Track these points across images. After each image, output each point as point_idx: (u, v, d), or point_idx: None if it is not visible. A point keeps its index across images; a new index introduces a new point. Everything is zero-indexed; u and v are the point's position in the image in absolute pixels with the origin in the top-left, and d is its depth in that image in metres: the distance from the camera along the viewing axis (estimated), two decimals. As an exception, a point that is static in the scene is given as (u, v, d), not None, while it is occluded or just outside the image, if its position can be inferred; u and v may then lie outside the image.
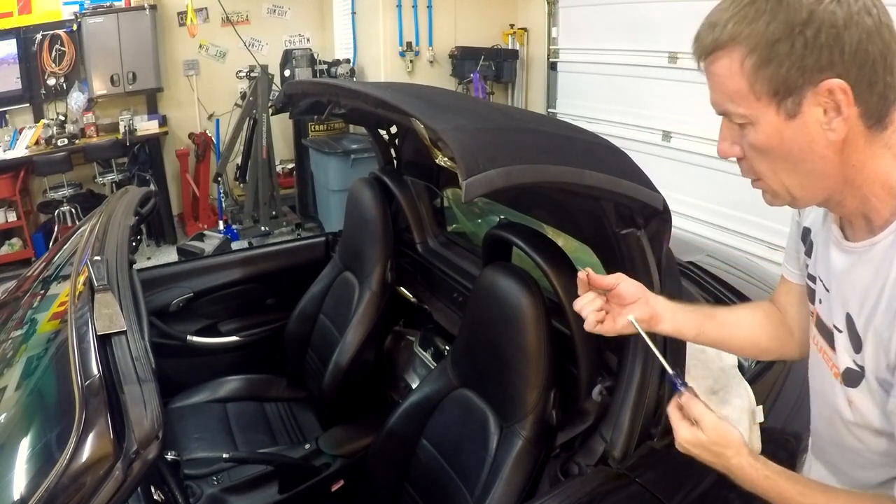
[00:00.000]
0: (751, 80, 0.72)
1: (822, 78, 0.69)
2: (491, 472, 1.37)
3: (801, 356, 1.06)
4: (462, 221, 2.39)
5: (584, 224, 1.42)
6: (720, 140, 0.80)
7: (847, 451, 0.91)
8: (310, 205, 5.37)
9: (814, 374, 0.96)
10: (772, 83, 0.71)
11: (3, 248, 4.80)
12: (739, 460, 0.86)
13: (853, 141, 0.72)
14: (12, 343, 1.39)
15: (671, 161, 3.96)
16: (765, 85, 0.71)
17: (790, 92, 0.70)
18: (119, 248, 1.47)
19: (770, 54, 0.69)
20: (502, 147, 1.08)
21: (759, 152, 0.77)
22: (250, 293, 2.39)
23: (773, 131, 0.73)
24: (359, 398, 2.06)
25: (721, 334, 1.07)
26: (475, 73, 4.83)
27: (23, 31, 4.75)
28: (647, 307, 1.00)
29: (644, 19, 4.06)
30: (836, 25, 0.67)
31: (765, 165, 0.78)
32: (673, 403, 0.94)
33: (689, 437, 0.89)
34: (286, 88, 1.94)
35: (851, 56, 0.68)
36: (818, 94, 0.69)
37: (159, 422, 0.90)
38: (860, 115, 0.71)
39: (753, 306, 1.12)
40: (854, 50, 0.67)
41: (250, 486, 1.74)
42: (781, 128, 0.73)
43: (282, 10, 5.61)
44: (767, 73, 0.70)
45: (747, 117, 0.74)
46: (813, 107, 0.70)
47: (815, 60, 0.68)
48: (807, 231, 0.95)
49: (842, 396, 0.86)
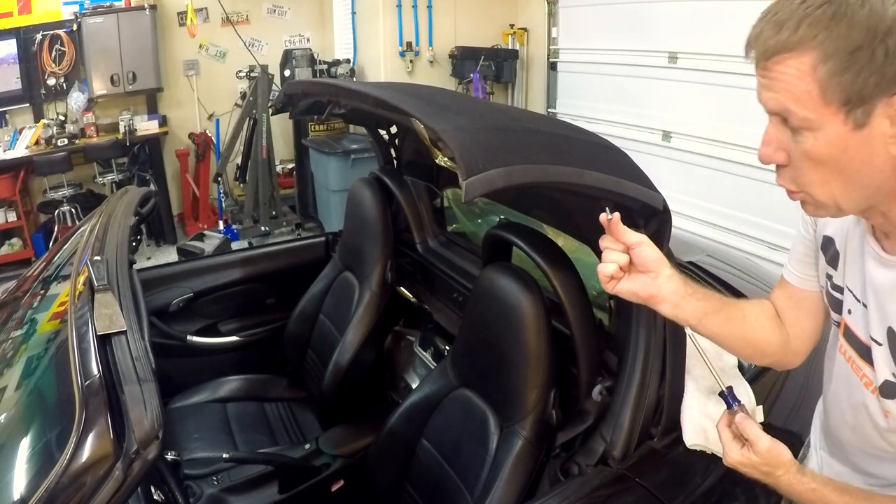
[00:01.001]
0: (823, 86, 0.67)
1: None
2: (491, 472, 1.37)
3: (797, 364, 1.05)
4: (462, 221, 2.39)
5: (584, 224, 1.42)
6: (764, 144, 0.75)
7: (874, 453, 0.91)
8: (310, 205, 5.37)
9: (839, 382, 0.95)
10: (846, 92, 0.66)
11: (3, 248, 4.80)
12: (788, 478, 0.87)
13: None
14: (12, 343, 1.39)
15: (671, 161, 3.96)
16: (837, 92, 0.67)
17: (863, 101, 0.67)
18: (119, 248, 1.47)
19: (848, 62, 0.65)
20: (502, 147, 1.08)
21: (813, 161, 0.72)
22: (250, 293, 2.39)
23: (836, 140, 0.69)
24: (359, 398, 2.06)
25: (722, 330, 1.02)
26: (475, 73, 4.83)
27: (23, 31, 4.75)
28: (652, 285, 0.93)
29: (644, 19, 4.06)
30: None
31: (816, 176, 0.73)
32: (724, 420, 0.93)
33: (741, 459, 0.89)
34: (286, 88, 1.94)
35: None
36: (890, 105, 0.66)
37: (159, 422, 0.90)
38: None
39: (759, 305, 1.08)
40: None
41: (250, 486, 1.74)
42: (846, 137, 0.69)
43: (282, 10, 5.60)
44: (843, 80, 0.66)
45: (811, 122, 0.70)
46: (882, 118, 0.67)
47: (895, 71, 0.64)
48: (828, 240, 0.92)
49: (876, 407, 0.86)
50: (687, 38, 3.74)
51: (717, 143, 3.58)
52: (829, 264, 0.93)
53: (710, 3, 3.60)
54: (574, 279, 1.40)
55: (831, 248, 0.92)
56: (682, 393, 1.28)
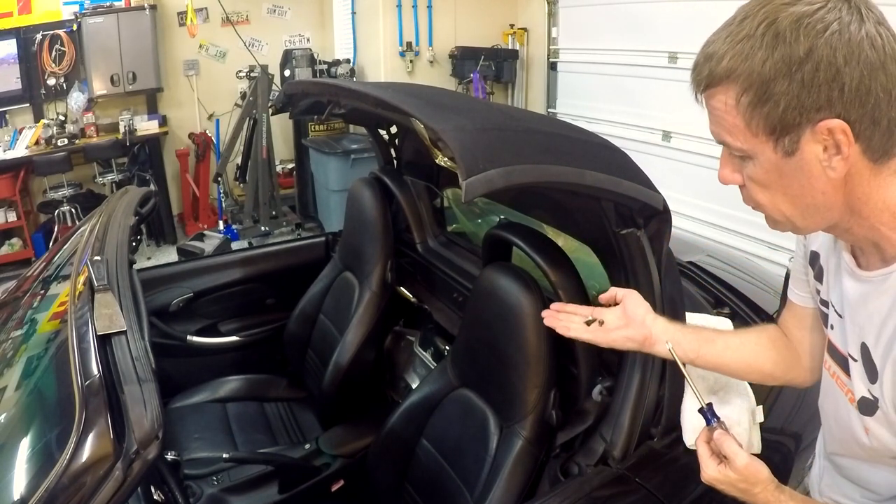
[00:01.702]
0: (747, 119, 0.70)
1: (820, 117, 0.66)
2: (491, 472, 1.37)
3: (811, 382, 1.04)
4: (462, 221, 2.39)
5: (584, 224, 1.42)
6: (721, 167, 0.78)
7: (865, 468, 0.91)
8: (310, 205, 5.37)
9: (827, 398, 0.95)
10: (769, 121, 0.68)
11: (3, 248, 4.80)
12: (766, 496, 0.87)
13: (856, 175, 0.70)
14: (12, 343, 1.39)
15: (671, 161, 3.96)
16: (761, 123, 0.69)
17: (787, 130, 0.68)
18: (119, 248, 1.47)
19: (766, 93, 0.67)
20: (502, 147, 1.08)
21: (757, 185, 0.75)
22: (250, 293, 2.39)
23: (771, 167, 0.72)
24: (359, 398, 2.06)
25: (722, 359, 1.07)
26: (475, 73, 4.83)
27: (23, 31, 4.75)
28: (642, 328, 1.03)
29: (644, 19, 4.06)
30: (836, 62, 0.63)
31: (765, 197, 0.76)
32: (702, 437, 0.94)
33: (717, 476, 0.90)
34: (286, 88, 1.94)
35: (852, 94, 0.64)
36: (817, 133, 0.67)
37: (159, 422, 0.90)
38: (863, 151, 0.68)
39: (759, 331, 1.10)
40: (855, 88, 0.64)
41: (250, 486, 1.74)
42: (780, 164, 0.71)
43: (282, 10, 5.60)
44: (764, 111, 0.68)
45: (745, 151, 0.72)
46: (812, 144, 0.68)
47: (814, 100, 0.65)
48: (815, 255, 0.93)
49: (858, 422, 0.85)
50: (687, 38, 3.73)
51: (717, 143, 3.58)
52: (816, 279, 0.94)
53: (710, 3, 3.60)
54: (574, 279, 1.40)
55: (817, 264, 0.93)
56: (682, 393, 1.28)
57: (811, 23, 0.63)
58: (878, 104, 0.65)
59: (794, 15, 0.64)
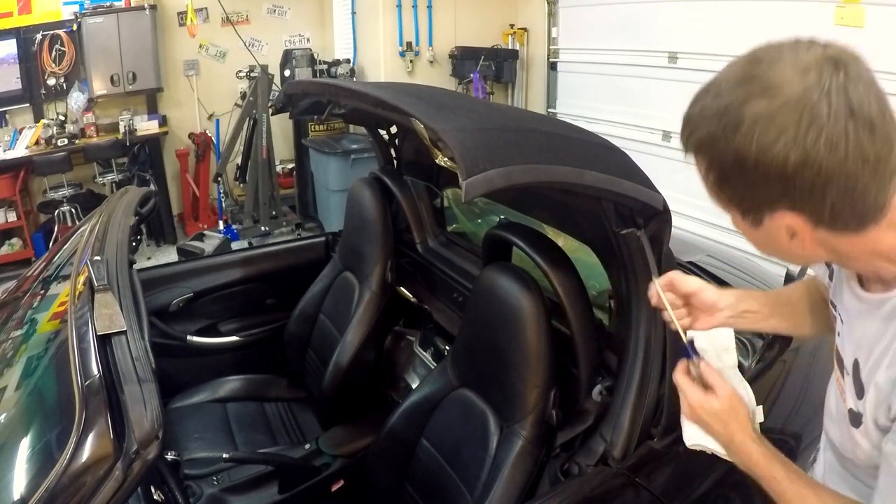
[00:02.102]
0: (715, 190, 0.73)
1: (775, 209, 0.68)
2: (491, 472, 1.37)
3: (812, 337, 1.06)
4: (462, 221, 2.39)
5: (584, 224, 1.42)
6: None
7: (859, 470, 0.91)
8: (310, 205, 5.37)
9: (830, 395, 0.96)
10: (732, 199, 0.72)
11: (3, 248, 4.80)
12: (743, 436, 0.87)
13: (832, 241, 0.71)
14: (12, 343, 1.39)
15: (671, 161, 3.96)
16: (726, 197, 0.73)
17: (749, 211, 0.72)
18: (119, 248, 1.47)
19: (725, 178, 0.70)
20: (502, 147, 1.08)
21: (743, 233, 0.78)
22: (250, 293, 2.39)
23: (745, 230, 0.76)
24: (359, 398, 2.06)
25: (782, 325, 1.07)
26: (475, 73, 4.83)
27: (23, 31, 4.75)
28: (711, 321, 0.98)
29: (644, 19, 4.06)
30: (787, 169, 0.63)
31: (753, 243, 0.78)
32: (680, 369, 0.93)
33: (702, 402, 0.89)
34: (286, 88, 1.94)
35: (805, 196, 0.65)
36: (774, 220, 0.70)
37: (159, 422, 0.90)
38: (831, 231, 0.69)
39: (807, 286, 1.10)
40: (808, 191, 0.65)
41: (250, 486, 1.74)
42: (751, 231, 0.74)
43: (282, 10, 5.60)
44: (726, 190, 0.72)
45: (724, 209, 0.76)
46: (774, 223, 0.70)
47: (766, 195, 0.67)
48: None
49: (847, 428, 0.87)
50: (687, 38, 3.74)
51: (717, 144, 3.58)
52: (829, 277, 0.95)
53: (710, 3, 3.60)
54: (574, 279, 1.40)
55: (831, 266, 0.94)
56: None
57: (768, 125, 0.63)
58: (836, 202, 0.65)
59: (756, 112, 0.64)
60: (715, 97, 0.68)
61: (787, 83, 0.63)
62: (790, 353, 1.58)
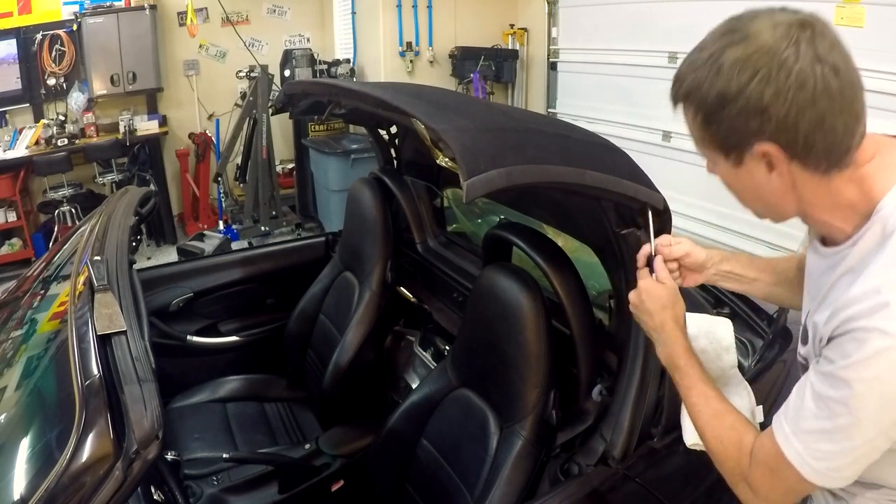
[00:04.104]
0: (701, 133, 0.82)
1: (754, 141, 0.76)
2: (491, 472, 1.37)
3: None
4: (462, 221, 2.39)
5: (584, 224, 1.42)
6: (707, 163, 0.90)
7: None
8: (310, 205, 5.37)
9: None
10: (715, 139, 0.80)
11: (3, 248, 4.80)
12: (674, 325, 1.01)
13: (802, 184, 0.79)
14: (12, 343, 1.39)
15: (671, 161, 3.96)
16: (711, 139, 0.81)
17: (731, 149, 0.80)
18: (119, 248, 1.47)
19: (710, 117, 0.78)
20: (503, 147, 1.08)
21: (726, 184, 0.87)
22: (250, 293, 2.39)
23: (727, 173, 0.84)
24: (359, 398, 2.06)
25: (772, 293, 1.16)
26: (475, 73, 4.83)
27: (23, 31, 4.74)
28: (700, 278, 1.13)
29: (644, 19, 4.06)
30: (762, 102, 0.73)
31: (732, 193, 0.88)
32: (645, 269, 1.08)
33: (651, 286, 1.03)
34: (286, 88, 1.94)
35: (779, 126, 0.74)
36: (755, 154, 0.78)
37: (159, 422, 0.90)
38: (803, 168, 0.77)
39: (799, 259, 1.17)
40: (781, 121, 0.73)
41: (250, 486, 1.74)
42: (733, 172, 0.83)
43: (282, 10, 5.60)
44: (710, 130, 0.80)
45: (708, 157, 0.85)
46: (753, 161, 0.79)
47: (745, 126, 0.76)
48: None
49: None
50: (687, 38, 3.71)
51: (717, 144, 3.58)
52: None
53: (710, 3, 3.60)
54: (574, 279, 1.40)
55: None
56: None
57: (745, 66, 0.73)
58: (808, 134, 0.74)
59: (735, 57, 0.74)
60: (700, 51, 0.79)
61: (761, 34, 0.73)
62: (790, 353, 1.58)
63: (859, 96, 0.75)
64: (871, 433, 0.74)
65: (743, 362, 1.55)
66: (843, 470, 0.78)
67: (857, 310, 0.73)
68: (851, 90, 0.73)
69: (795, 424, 0.80)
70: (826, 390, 0.76)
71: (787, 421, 0.81)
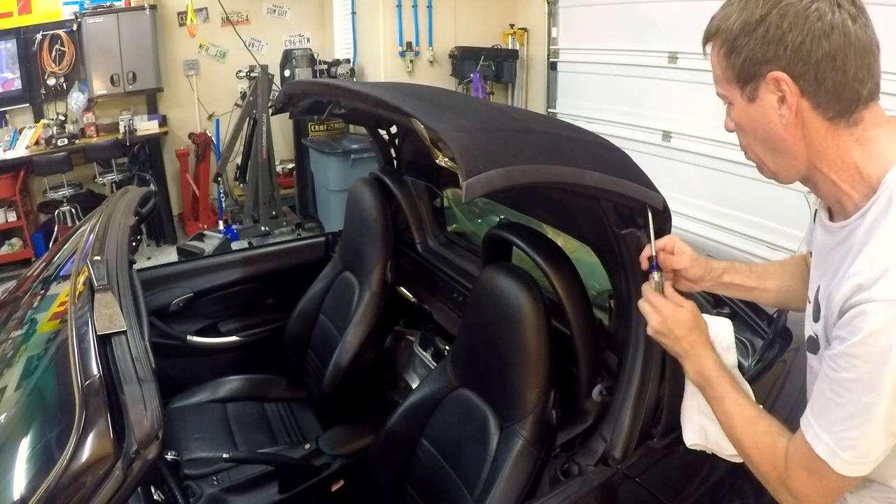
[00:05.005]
0: (723, 67, 0.86)
1: (769, 69, 0.80)
2: (491, 472, 1.37)
3: None
4: (462, 221, 2.39)
5: (584, 224, 1.42)
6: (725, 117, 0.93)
7: None
8: (310, 205, 5.37)
9: None
10: (734, 70, 0.85)
11: (3, 248, 4.80)
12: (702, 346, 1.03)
13: (811, 129, 0.82)
14: (12, 343, 1.39)
15: (671, 161, 3.96)
16: (731, 71, 0.85)
17: (748, 79, 0.84)
18: (119, 248, 1.47)
19: (733, 46, 0.83)
20: (502, 147, 1.08)
21: (739, 129, 0.90)
22: (250, 293, 2.39)
23: (742, 111, 0.87)
24: (359, 398, 2.06)
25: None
26: (475, 73, 4.83)
27: (23, 31, 4.75)
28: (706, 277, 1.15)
29: (644, 19, 4.06)
30: (782, 27, 0.78)
31: (745, 141, 0.91)
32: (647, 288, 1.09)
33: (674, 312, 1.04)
34: (286, 88, 1.94)
35: (794, 53, 0.78)
36: (769, 84, 0.81)
37: (159, 422, 0.90)
38: (813, 106, 0.81)
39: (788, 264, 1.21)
40: (796, 48, 0.78)
41: (250, 486, 1.74)
42: (747, 108, 0.86)
43: (282, 10, 5.60)
44: (731, 61, 0.84)
45: (726, 97, 0.89)
46: (767, 93, 0.82)
47: (763, 53, 0.80)
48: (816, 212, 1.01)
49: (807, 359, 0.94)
50: (687, 38, 3.73)
51: (717, 143, 3.58)
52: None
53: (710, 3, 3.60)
54: (574, 279, 1.40)
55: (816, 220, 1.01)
56: (682, 393, 1.28)
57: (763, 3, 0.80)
58: (819, 65, 0.78)
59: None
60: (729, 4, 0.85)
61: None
62: (790, 353, 1.58)
63: (873, 51, 0.79)
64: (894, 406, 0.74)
65: (743, 362, 1.55)
66: (870, 454, 0.78)
67: (861, 281, 0.74)
68: (867, 39, 0.78)
69: (822, 418, 0.80)
70: (843, 374, 0.76)
71: (813, 417, 0.82)
